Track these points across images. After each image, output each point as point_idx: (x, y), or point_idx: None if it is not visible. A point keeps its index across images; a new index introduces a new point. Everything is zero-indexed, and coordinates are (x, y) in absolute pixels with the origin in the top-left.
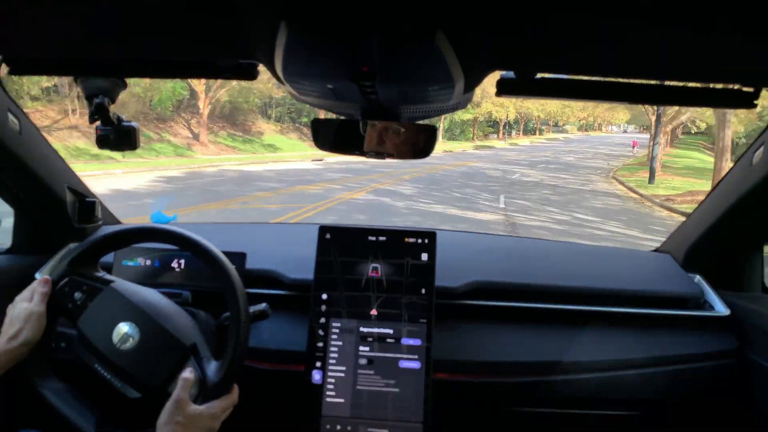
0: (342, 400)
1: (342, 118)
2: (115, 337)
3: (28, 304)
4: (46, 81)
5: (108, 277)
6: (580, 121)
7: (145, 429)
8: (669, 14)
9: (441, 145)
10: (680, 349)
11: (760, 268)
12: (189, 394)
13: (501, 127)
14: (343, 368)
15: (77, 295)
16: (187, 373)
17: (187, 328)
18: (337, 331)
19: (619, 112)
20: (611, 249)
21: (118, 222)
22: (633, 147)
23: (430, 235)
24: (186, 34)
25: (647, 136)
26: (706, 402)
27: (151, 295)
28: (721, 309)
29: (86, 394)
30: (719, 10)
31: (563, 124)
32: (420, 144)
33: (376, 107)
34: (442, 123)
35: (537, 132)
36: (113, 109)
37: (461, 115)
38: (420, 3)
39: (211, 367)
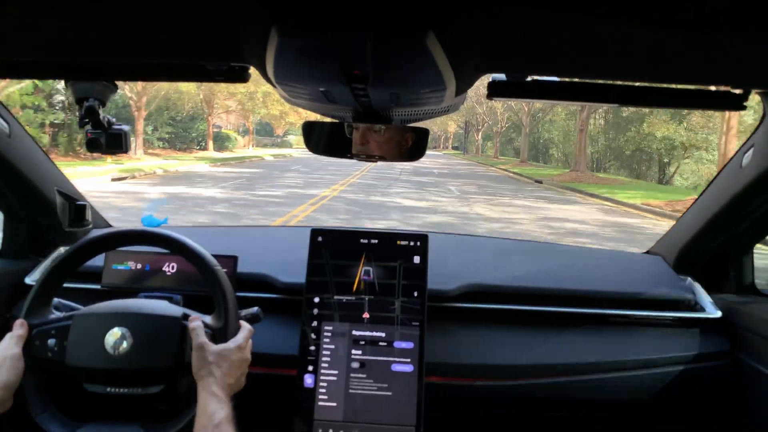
0: (334, 404)
1: (333, 121)
2: (109, 348)
3: (2, 350)
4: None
5: (69, 312)
6: None
7: (188, 407)
8: (659, 16)
9: None
10: (672, 351)
11: (750, 269)
12: (206, 336)
13: (136, 132)
14: (336, 372)
15: (51, 342)
16: (194, 322)
17: (170, 306)
18: (329, 334)
19: None
20: (603, 251)
21: (108, 225)
22: None
23: (422, 238)
24: (177, 37)
25: None
26: (698, 404)
27: (120, 300)
28: (712, 311)
29: (115, 418)
30: (709, 12)
31: (284, 134)
32: (407, 144)
33: (368, 110)
34: None
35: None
36: None
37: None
38: (411, 6)
39: (208, 319)
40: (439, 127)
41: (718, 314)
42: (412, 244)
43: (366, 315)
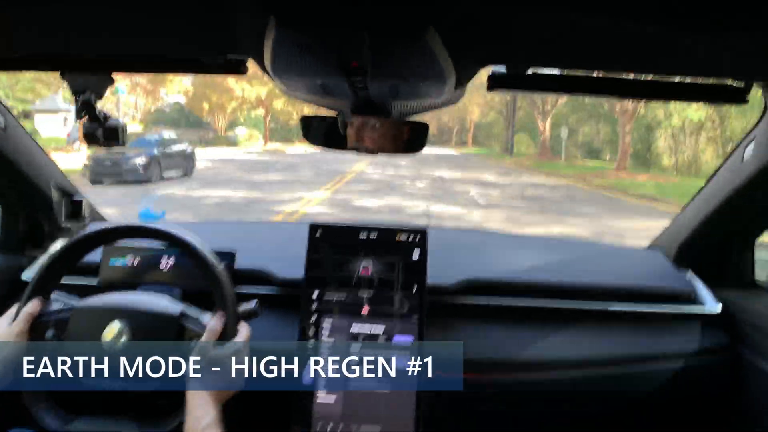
0: (333, 400)
1: (332, 114)
2: (107, 344)
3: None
4: None
5: (68, 304)
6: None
7: (182, 408)
8: (660, 10)
9: None
10: (672, 345)
11: (751, 263)
12: (213, 340)
13: None
14: (335, 367)
15: (49, 334)
16: (214, 321)
17: (169, 303)
18: (328, 329)
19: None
20: (603, 245)
21: (104, 220)
22: None
23: (422, 233)
24: (175, 29)
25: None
26: (698, 398)
27: (117, 294)
28: (712, 305)
29: (110, 413)
30: (710, 6)
31: (229, 126)
32: (403, 137)
33: (367, 103)
34: None
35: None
36: None
37: None
38: None
39: (207, 318)
40: (452, 115)
41: (719, 308)
42: (411, 238)
43: (365, 310)
